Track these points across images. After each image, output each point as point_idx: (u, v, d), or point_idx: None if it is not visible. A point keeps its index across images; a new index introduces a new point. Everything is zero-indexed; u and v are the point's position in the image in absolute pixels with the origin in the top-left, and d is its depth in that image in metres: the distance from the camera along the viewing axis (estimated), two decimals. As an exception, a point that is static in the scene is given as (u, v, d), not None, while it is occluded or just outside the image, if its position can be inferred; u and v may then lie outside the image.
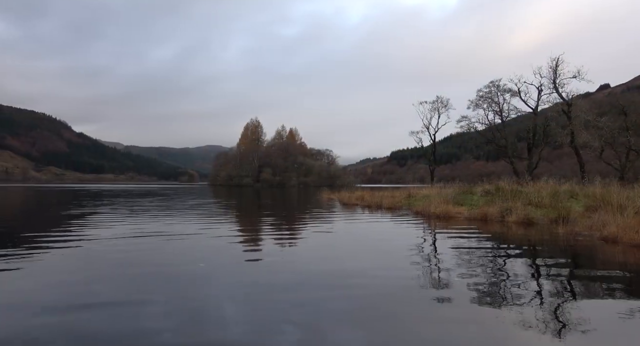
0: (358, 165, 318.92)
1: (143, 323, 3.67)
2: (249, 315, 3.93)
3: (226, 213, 17.14)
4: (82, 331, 3.46)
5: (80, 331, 3.45)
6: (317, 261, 6.66)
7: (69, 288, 4.88)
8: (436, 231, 10.86)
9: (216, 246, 8.17)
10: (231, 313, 4.00)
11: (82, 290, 4.79)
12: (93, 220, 13.19)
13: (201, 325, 3.60)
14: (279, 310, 4.01)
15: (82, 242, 8.37)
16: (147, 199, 27.91)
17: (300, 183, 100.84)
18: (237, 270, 6.02)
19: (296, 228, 11.84)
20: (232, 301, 4.39)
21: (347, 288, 4.92)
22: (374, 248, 8.06)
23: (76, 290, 4.78)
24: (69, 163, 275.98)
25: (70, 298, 4.43)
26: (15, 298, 4.47)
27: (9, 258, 6.51)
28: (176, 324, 3.64)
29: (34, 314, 3.87)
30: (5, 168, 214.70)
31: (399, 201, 19.84)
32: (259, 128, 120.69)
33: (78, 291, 4.70)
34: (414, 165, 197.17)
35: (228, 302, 4.37)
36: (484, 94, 37.22)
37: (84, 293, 4.64)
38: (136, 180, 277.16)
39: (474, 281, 5.28)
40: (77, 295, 4.55)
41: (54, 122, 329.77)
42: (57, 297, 4.45)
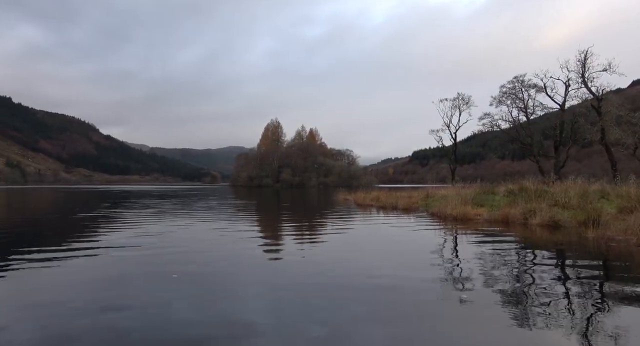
0: (379, 165, 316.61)
1: (171, 319, 3.79)
2: (274, 314, 3.98)
3: (246, 214, 16.74)
4: (113, 327, 3.59)
5: (112, 328, 3.57)
6: (333, 264, 6.39)
7: (98, 286, 5.08)
8: (452, 234, 10.11)
9: (237, 246, 8.23)
10: (256, 312, 4.06)
11: (111, 288, 4.97)
12: (125, 220, 13.47)
13: (227, 323, 3.70)
14: (303, 309, 4.10)
15: (110, 241, 8.78)
16: (173, 200, 28.12)
17: (320, 184, 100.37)
18: (258, 270, 6.08)
19: (303, 230, 11.30)
20: (257, 301, 4.47)
21: (364, 290, 4.83)
22: (386, 251, 7.51)
23: (106, 287, 4.99)
24: (97, 164, 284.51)
25: (101, 295, 4.60)
26: (55, 293, 4.70)
27: (49, 255, 7.01)
28: (202, 321, 3.74)
29: (69, 308, 4.09)
30: (38, 170, 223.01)
31: (416, 202, 19.02)
32: (279, 129, 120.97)
33: (108, 289, 4.90)
34: (436, 164, 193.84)
35: (253, 301, 4.46)
36: (508, 90, 35.78)
37: (114, 291, 4.83)
38: (161, 181, 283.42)
39: (497, 288, 4.86)
40: (107, 293, 4.74)
41: (83, 125, 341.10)
42: (89, 294, 4.70)
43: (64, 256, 6.94)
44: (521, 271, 5.77)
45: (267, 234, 10.74)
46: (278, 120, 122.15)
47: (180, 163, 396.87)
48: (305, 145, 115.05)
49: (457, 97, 44.37)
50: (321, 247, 8.34)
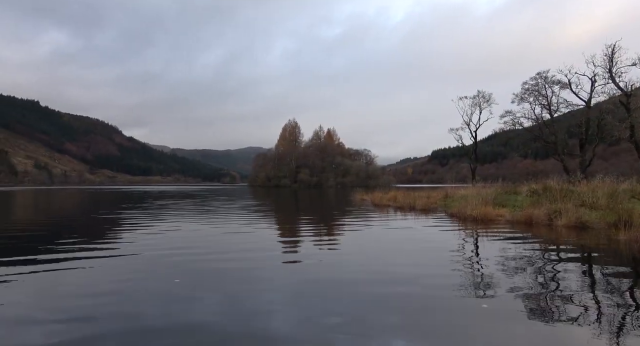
0: (398, 165, 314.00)
1: (195, 315, 3.87)
2: (294, 311, 4.03)
3: (264, 215, 16.64)
4: (138, 322, 3.70)
5: (137, 323, 3.68)
6: (350, 264, 6.33)
7: (127, 282, 5.23)
8: (472, 235, 9.70)
9: (256, 245, 8.25)
10: (276, 309, 4.10)
11: (139, 284, 5.09)
12: (149, 220, 13.72)
13: (247, 321, 3.73)
14: (324, 308, 4.10)
15: (137, 239, 9.07)
16: (193, 200, 28.37)
17: (338, 184, 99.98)
18: (277, 268, 6.14)
19: (320, 230, 11.07)
20: (277, 298, 4.50)
21: (383, 291, 4.77)
22: (402, 252, 7.22)
23: (129, 285, 5.08)
24: (120, 166, 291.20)
25: (125, 292, 4.71)
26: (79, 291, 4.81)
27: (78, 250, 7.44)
28: (223, 318, 3.84)
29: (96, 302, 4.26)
30: (64, 172, 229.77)
31: (434, 202, 18.54)
32: (296, 129, 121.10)
33: (131, 287, 4.97)
34: (456, 164, 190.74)
35: (273, 298, 4.48)
36: (530, 87, 34.72)
37: (138, 287, 4.95)
38: (182, 181, 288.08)
39: (520, 294, 4.55)
40: (131, 290, 4.82)
41: (106, 127, 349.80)
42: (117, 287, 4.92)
43: (86, 256, 7.09)
44: (547, 276, 5.40)
45: (285, 234, 10.70)
46: (295, 121, 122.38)
47: (200, 163, 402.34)
48: (322, 145, 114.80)
49: (477, 95, 43.42)
50: (338, 247, 8.17)
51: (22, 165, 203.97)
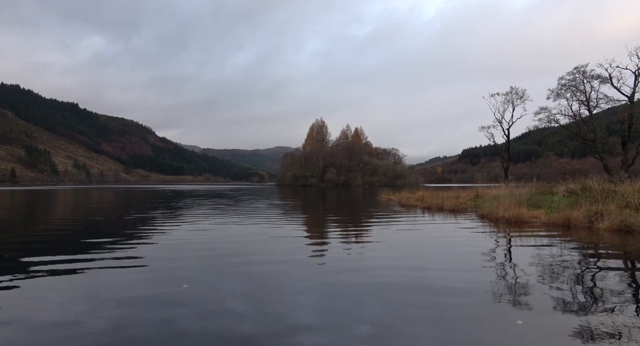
0: (427, 164, 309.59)
1: (226, 313, 3.97)
2: (322, 311, 4.03)
3: (291, 214, 16.55)
4: (170, 319, 3.82)
5: (169, 320, 3.80)
6: (374, 268, 6.08)
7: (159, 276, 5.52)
8: (504, 238, 9.16)
9: (284, 245, 8.33)
10: (304, 309, 4.12)
11: (167, 282, 5.25)
12: (180, 218, 14.05)
13: (275, 319, 3.81)
14: (350, 307, 4.13)
15: (166, 238, 9.37)
16: (223, 199, 28.78)
17: (366, 183, 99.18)
18: (305, 268, 6.14)
19: (347, 230, 10.78)
20: (305, 298, 4.51)
21: (412, 292, 4.78)
22: (430, 254, 6.85)
23: (162, 282, 5.26)
24: (153, 165, 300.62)
25: (157, 289, 4.89)
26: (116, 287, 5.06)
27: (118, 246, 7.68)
28: (252, 316, 3.91)
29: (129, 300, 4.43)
30: (101, 171, 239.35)
31: (464, 202, 17.85)
32: (323, 128, 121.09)
33: (163, 283, 5.15)
34: (488, 163, 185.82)
35: (301, 298, 4.50)
36: (567, 82, 33.09)
37: (169, 284, 5.11)
38: (212, 180, 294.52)
39: (558, 305, 4.16)
40: (163, 287, 4.98)
41: (140, 128, 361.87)
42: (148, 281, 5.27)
43: (124, 248, 7.64)
44: (588, 287, 4.91)
45: (311, 234, 10.57)
46: (323, 120, 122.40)
47: (230, 163, 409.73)
48: (350, 144, 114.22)
49: (510, 91, 41.81)
50: (365, 249, 7.91)
51: (62, 164, 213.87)
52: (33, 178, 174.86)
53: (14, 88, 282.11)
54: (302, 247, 8.18)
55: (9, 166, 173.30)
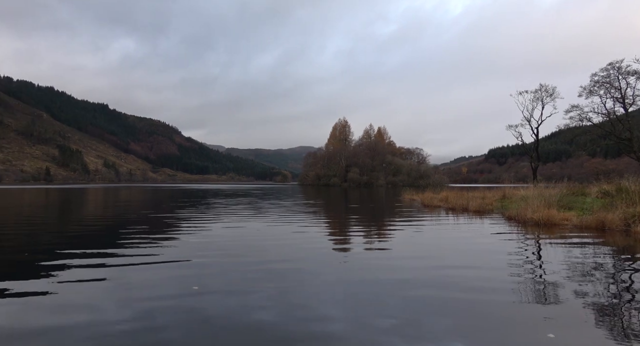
0: (452, 164, 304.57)
1: (250, 309, 4.04)
2: (347, 310, 4.00)
3: (314, 214, 16.47)
4: (198, 314, 3.93)
5: (196, 315, 3.90)
6: (398, 267, 6.10)
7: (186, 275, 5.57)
8: (533, 241, 8.73)
9: (308, 244, 8.30)
10: (329, 307, 4.12)
11: (194, 279, 5.36)
12: (207, 217, 14.34)
13: (301, 317, 3.82)
14: (376, 309, 4.06)
15: (192, 235, 9.58)
16: (247, 199, 29.08)
17: (389, 183, 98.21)
18: (329, 267, 6.10)
19: (370, 230, 10.58)
20: (330, 296, 4.50)
21: (436, 293, 4.72)
22: (455, 256, 6.57)
23: (189, 278, 5.34)
24: (179, 165, 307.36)
25: (186, 285, 5.01)
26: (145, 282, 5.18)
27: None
28: (278, 311, 3.97)
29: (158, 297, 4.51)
30: (130, 170, 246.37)
31: (490, 203, 17.27)
32: (346, 127, 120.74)
33: (191, 280, 5.24)
34: (515, 163, 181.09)
35: (326, 297, 4.48)
36: (601, 79, 31.74)
37: (197, 281, 5.19)
38: (236, 180, 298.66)
39: (597, 320, 3.78)
40: (191, 283, 5.07)
41: (167, 128, 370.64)
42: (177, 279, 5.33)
43: (153, 246, 7.95)
44: (624, 294, 4.54)
45: (335, 233, 10.53)
46: (346, 119, 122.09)
47: (253, 163, 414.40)
48: (373, 144, 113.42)
49: (540, 89, 40.43)
50: (388, 248, 7.80)
51: (93, 164, 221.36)
52: (66, 177, 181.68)
53: (48, 90, 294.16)
54: (325, 246, 8.16)
55: (44, 165, 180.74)
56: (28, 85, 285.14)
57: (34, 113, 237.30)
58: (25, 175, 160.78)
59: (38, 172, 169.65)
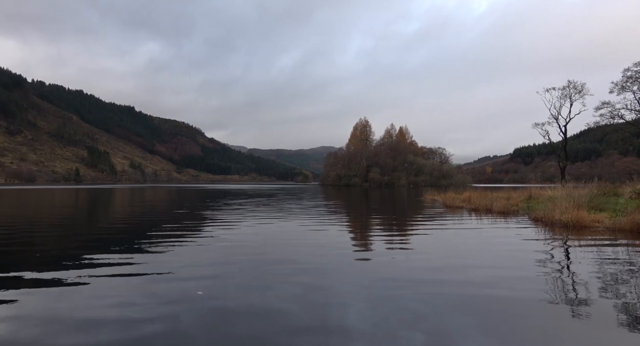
0: (475, 163, 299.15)
1: (272, 306, 4.12)
2: (367, 312, 3.94)
3: (335, 213, 16.36)
4: (217, 309, 4.04)
5: (216, 310, 4.02)
6: (420, 267, 6.07)
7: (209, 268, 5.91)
8: (561, 244, 8.34)
9: (328, 245, 8.20)
10: (349, 309, 4.05)
11: (219, 272, 5.67)
12: (230, 216, 14.62)
13: (321, 318, 3.80)
14: (399, 307, 4.06)
15: (215, 233, 9.85)
16: (269, 199, 29.27)
17: (410, 183, 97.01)
18: (350, 268, 6.05)
19: (391, 231, 10.38)
20: (350, 299, 4.40)
21: (459, 295, 4.64)
22: (478, 259, 6.32)
23: (211, 276, 5.47)
24: (203, 165, 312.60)
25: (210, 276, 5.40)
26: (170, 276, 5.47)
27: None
28: (300, 308, 4.03)
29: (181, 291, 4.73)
30: (155, 171, 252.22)
31: (515, 204, 16.72)
32: (367, 127, 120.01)
33: (213, 278, 5.38)
34: (542, 162, 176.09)
35: (346, 299, 4.41)
36: (634, 74, 30.41)
37: (218, 279, 5.32)
38: (257, 180, 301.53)
39: (628, 314, 3.70)
40: (213, 281, 5.22)
41: (191, 130, 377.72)
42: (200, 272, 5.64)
43: (179, 243, 8.21)
44: (665, 303, 4.24)
45: (355, 233, 10.48)
46: (366, 119, 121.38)
47: (275, 163, 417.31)
48: (394, 143, 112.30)
49: (568, 85, 39.08)
50: (409, 248, 7.72)
51: (120, 164, 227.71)
52: (94, 177, 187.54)
53: (77, 94, 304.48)
54: (347, 247, 8.08)
55: (73, 166, 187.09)
56: (59, 88, 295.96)
57: (64, 116, 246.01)
58: (56, 175, 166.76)
59: (68, 173, 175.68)
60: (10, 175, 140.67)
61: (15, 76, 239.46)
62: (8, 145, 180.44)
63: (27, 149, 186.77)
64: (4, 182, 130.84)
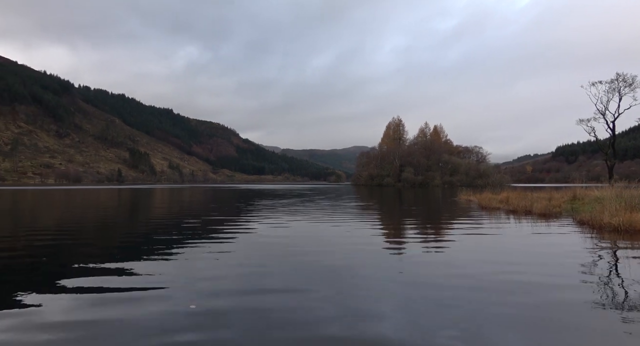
0: (515, 162, 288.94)
1: (309, 308, 4.06)
2: (405, 314, 3.88)
3: (369, 214, 16.05)
4: (257, 308, 4.08)
5: (256, 309, 4.05)
6: (454, 271, 5.75)
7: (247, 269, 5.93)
8: (611, 250, 7.60)
9: (363, 245, 8.14)
10: (387, 311, 3.99)
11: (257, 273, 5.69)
12: (264, 215, 15.14)
13: (358, 318, 3.78)
14: (433, 314, 3.92)
15: (255, 234, 9.96)
16: (303, 199, 29.35)
17: (445, 183, 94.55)
18: (385, 268, 5.96)
19: (426, 233, 9.94)
20: (387, 299, 4.36)
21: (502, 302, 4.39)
22: (520, 263, 5.84)
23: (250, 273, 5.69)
24: (237, 165, 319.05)
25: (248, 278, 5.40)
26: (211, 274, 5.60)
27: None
28: (334, 313, 3.91)
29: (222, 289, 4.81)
30: (192, 171, 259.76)
31: (558, 205, 15.67)
32: (400, 126, 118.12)
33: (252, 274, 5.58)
34: (587, 161, 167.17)
35: (383, 299, 4.37)
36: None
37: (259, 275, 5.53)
38: (290, 180, 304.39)
39: None
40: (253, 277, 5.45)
41: (226, 131, 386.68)
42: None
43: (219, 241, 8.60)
44: None
45: (389, 235, 10.26)
46: (400, 118, 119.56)
47: (308, 163, 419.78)
48: (428, 142, 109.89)
49: (617, 79, 36.65)
50: (443, 251, 7.37)
51: (159, 165, 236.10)
52: (135, 177, 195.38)
53: (120, 97, 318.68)
54: (381, 248, 7.91)
55: (116, 167, 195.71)
56: (103, 93, 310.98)
57: (107, 119, 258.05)
58: (100, 176, 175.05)
59: (111, 173, 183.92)
60: (59, 175, 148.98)
61: (63, 82, 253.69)
62: (57, 147, 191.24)
63: (74, 151, 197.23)
64: (53, 182, 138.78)
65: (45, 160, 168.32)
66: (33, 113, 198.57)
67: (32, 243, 8.45)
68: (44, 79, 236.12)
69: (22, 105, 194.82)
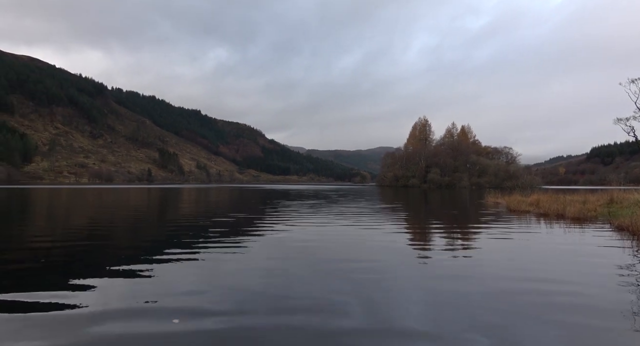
0: (547, 164, 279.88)
1: (334, 311, 4.04)
2: (432, 321, 3.80)
3: (394, 216, 15.88)
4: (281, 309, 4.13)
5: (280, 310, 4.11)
6: (482, 277, 5.67)
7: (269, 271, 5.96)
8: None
9: (388, 249, 8.06)
10: (413, 317, 3.92)
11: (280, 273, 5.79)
12: (288, 216, 15.24)
13: (383, 324, 3.72)
14: (463, 314, 3.95)
15: (274, 233, 10.18)
16: (327, 200, 29.36)
17: (473, 184, 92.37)
18: (411, 273, 5.89)
19: (452, 236, 9.70)
20: (414, 306, 4.31)
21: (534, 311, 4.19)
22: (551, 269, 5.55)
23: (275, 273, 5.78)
24: (263, 166, 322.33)
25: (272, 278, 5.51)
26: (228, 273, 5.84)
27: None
28: (359, 314, 3.97)
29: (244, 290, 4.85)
30: (219, 171, 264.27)
31: (593, 209, 14.97)
32: (426, 127, 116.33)
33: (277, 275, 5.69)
34: (625, 163, 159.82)
35: (409, 306, 4.31)
36: None
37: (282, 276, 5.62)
38: (315, 180, 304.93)
39: None
40: (275, 277, 5.55)
41: (252, 132, 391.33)
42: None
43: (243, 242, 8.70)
44: None
45: (415, 237, 10.21)
46: (426, 118, 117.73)
47: (333, 163, 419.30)
48: (455, 143, 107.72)
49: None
50: (469, 255, 7.24)
51: (187, 165, 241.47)
52: (164, 177, 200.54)
53: (150, 99, 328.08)
54: (406, 251, 7.90)
55: (146, 167, 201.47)
56: (134, 95, 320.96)
57: (138, 120, 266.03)
58: (131, 176, 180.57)
59: (142, 173, 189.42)
60: (93, 175, 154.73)
61: (97, 84, 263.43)
62: (91, 148, 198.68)
63: (106, 151, 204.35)
64: (87, 181, 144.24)
65: (80, 160, 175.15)
66: (69, 114, 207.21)
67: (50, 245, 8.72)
68: (80, 82, 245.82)
69: (59, 107, 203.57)
